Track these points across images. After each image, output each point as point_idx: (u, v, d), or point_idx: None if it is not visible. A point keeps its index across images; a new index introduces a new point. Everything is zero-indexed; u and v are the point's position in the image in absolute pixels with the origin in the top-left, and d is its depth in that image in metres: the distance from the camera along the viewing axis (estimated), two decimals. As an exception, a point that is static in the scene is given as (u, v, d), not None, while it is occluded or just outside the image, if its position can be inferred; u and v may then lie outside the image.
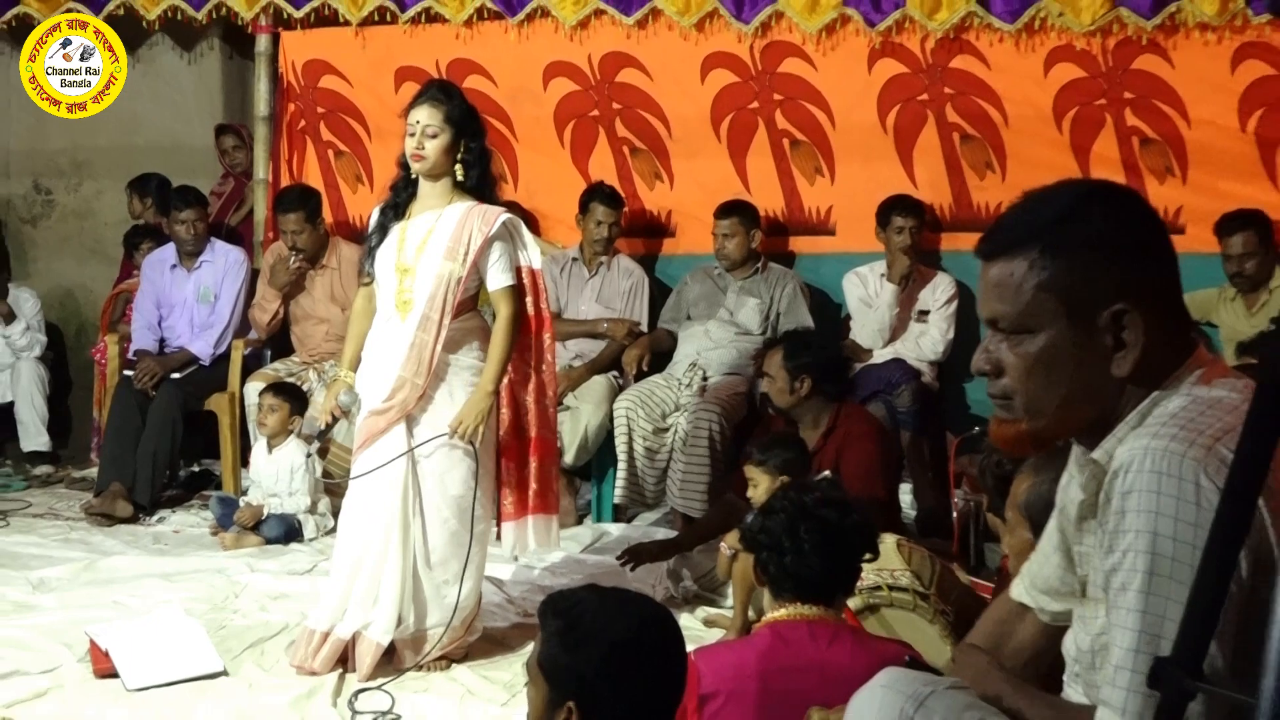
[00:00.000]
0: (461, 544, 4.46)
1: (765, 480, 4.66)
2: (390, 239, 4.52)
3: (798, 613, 3.06)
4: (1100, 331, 1.89)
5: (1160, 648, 1.73)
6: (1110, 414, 1.93)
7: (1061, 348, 1.90)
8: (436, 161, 4.44)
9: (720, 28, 6.83)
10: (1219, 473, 1.73)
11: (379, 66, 7.35)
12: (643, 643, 2.38)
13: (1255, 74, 6.30)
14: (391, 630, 4.41)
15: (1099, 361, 1.90)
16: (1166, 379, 1.91)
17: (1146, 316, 1.88)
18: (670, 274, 7.15)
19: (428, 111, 4.42)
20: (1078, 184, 2.10)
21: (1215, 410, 1.84)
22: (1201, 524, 1.71)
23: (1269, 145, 6.37)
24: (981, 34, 6.55)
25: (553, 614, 2.41)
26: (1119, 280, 1.88)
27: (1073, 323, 1.89)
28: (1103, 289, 1.88)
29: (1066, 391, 1.91)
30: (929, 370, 6.45)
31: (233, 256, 7.20)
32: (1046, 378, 1.91)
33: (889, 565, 3.98)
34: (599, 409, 6.39)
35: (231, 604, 5.16)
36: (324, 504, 6.19)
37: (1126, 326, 1.88)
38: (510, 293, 4.51)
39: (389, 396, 4.43)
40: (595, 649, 2.33)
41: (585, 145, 7.23)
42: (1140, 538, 1.78)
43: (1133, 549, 1.79)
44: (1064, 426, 1.96)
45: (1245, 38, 6.26)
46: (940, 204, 6.83)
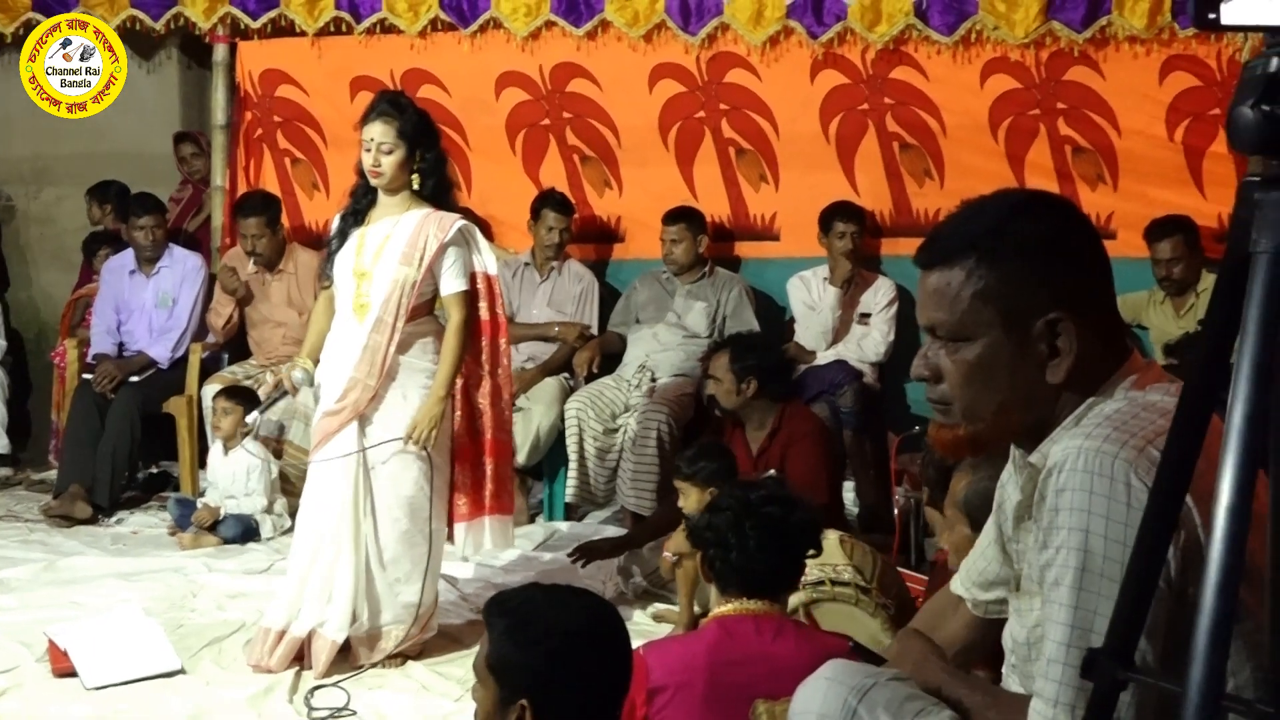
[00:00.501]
0: (413, 543, 4.43)
1: (694, 492, 4.64)
2: (349, 244, 4.50)
3: (743, 608, 3.06)
4: (1035, 339, 1.88)
5: (1091, 641, 1.73)
6: (1047, 419, 1.93)
7: (998, 355, 1.90)
8: (393, 176, 4.42)
9: (668, 39, 6.84)
10: (1149, 473, 1.74)
11: (335, 76, 7.30)
12: (594, 633, 2.37)
13: (1182, 85, 6.38)
14: (346, 628, 4.37)
15: (1035, 369, 1.90)
16: (1102, 384, 1.92)
17: (1080, 324, 1.88)
18: (620, 278, 7.14)
19: (381, 129, 4.40)
20: (1013, 193, 2.10)
21: (1148, 413, 1.85)
22: (1132, 523, 1.72)
23: (1196, 154, 6.44)
24: (920, 46, 6.60)
25: (499, 613, 2.39)
26: (1053, 288, 1.88)
27: (1008, 331, 1.89)
28: (1037, 297, 1.88)
29: (1003, 398, 1.92)
30: (871, 371, 6.47)
31: (191, 262, 7.14)
32: (984, 384, 1.91)
33: (832, 560, 3.99)
34: (550, 410, 6.38)
35: (189, 603, 5.11)
36: (280, 504, 6.15)
37: (1061, 334, 1.88)
38: (462, 298, 4.50)
39: (341, 397, 4.40)
40: (548, 643, 2.31)
41: (536, 153, 7.21)
42: (1073, 535, 1.79)
43: (1065, 546, 1.80)
44: (1001, 432, 1.97)
45: (1173, 50, 6.34)
46: (881, 210, 6.86)
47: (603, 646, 2.37)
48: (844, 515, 5.62)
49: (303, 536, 4.49)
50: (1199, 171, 6.46)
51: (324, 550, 4.41)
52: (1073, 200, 5.61)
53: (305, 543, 4.47)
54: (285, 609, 4.44)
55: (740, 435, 5.34)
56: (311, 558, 4.43)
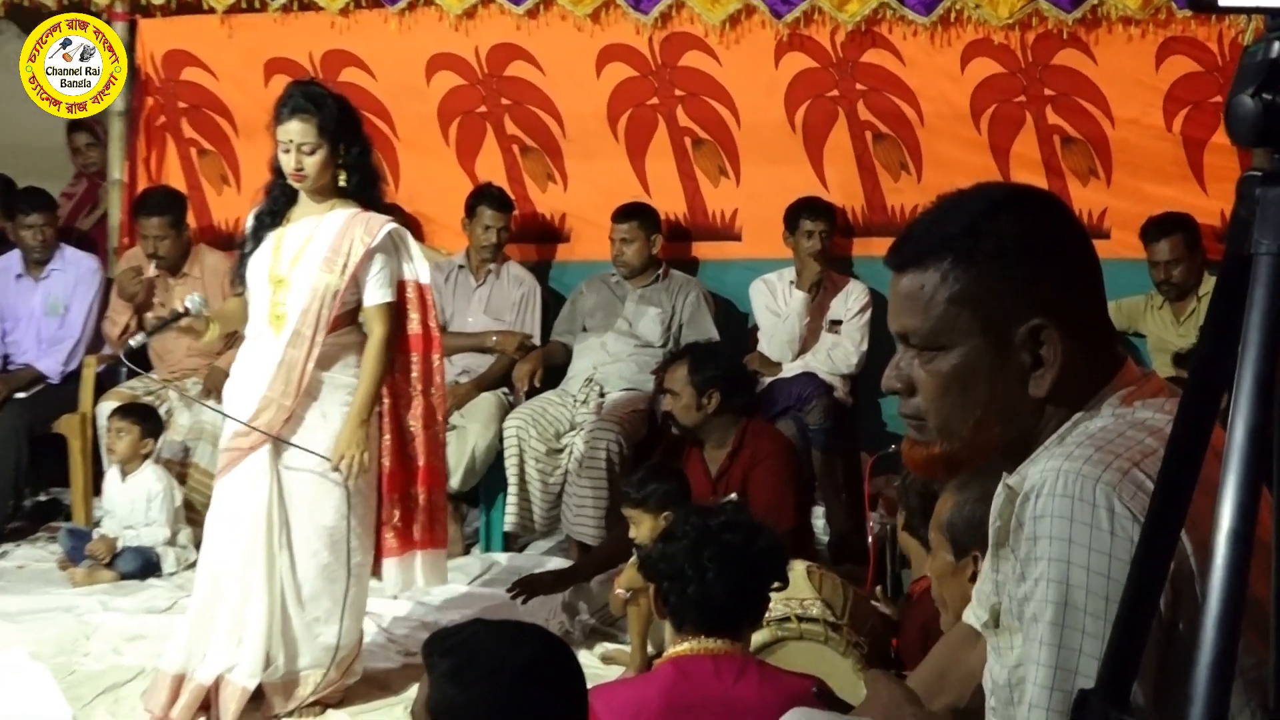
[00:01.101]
0: (334, 578, 4.42)
1: (647, 520, 4.65)
2: (265, 246, 4.48)
3: (701, 646, 3.06)
4: (1017, 348, 1.88)
5: (1075, 682, 1.74)
6: (1029, 436, 1.93)
7: (976, 366, 1.90)
8: (317, 177, 4.41)
9: (617, 18, 6.84)
10: (1134, 498, 1.74)
11: (247, 58, 7.26)
12: (543, 671, 2.37)
13: (1181, 70, 6.43)
14: (259, 673, 4.34)
15: (1016, 381, 1.90)
16: (1090, 398, 1.92)
17: (1065, 332, 1.88)
18: (564, 282, 7.15)
19: (299, 127, 4.38)
20: (994, 188, 2.11)
21: (1136, 431, 1.85)
22: (1116, 553, 1.73)
23: (1196, 145, 6.49)
24: (895, 27, 6.63)
25: (440, 653, 2.38)
26: (1036, 293, 1.88)
27: (987, 339, 1.89)
28: (1018, 303, 1.88)
29: (981, 413, 1.91)
30: (842, 384, 6.50)
31: (85, 265, 7.09)
32: (960, 398, 1.91)
33: (799, 594, 4.00)
34: (487, 429, 6.37)
35: (82, 646, 5.07)
36: (185, 535, 6.10)
37: (1045, 343, 1.88)
38: (386, 311, 4.48)
39: (253, 417, 4.37)
40: (493, 682, 2.31)
41: (472, 144, 7.21)
42: (1053, 566, 1.79)
43: (1044, 578, 1.80)
44: (978, 450, 1.96)
45: (1170, 32, 6.39)
46: (852, 207, 6.89)
47: (554, 684, 2.38)
48: (812, 543, 5.64)
49: (207, 570, 4.46)
50: (1199, 165, 6.52)
51: (232, 586, 4.37)
52: (1062, 196, 5.67)
53: (210, 577, 4.43)
54: (186, 651, 4.40)
55: (698, 455, 5.35)
56: (217, 594, 4.40)
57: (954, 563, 2.80)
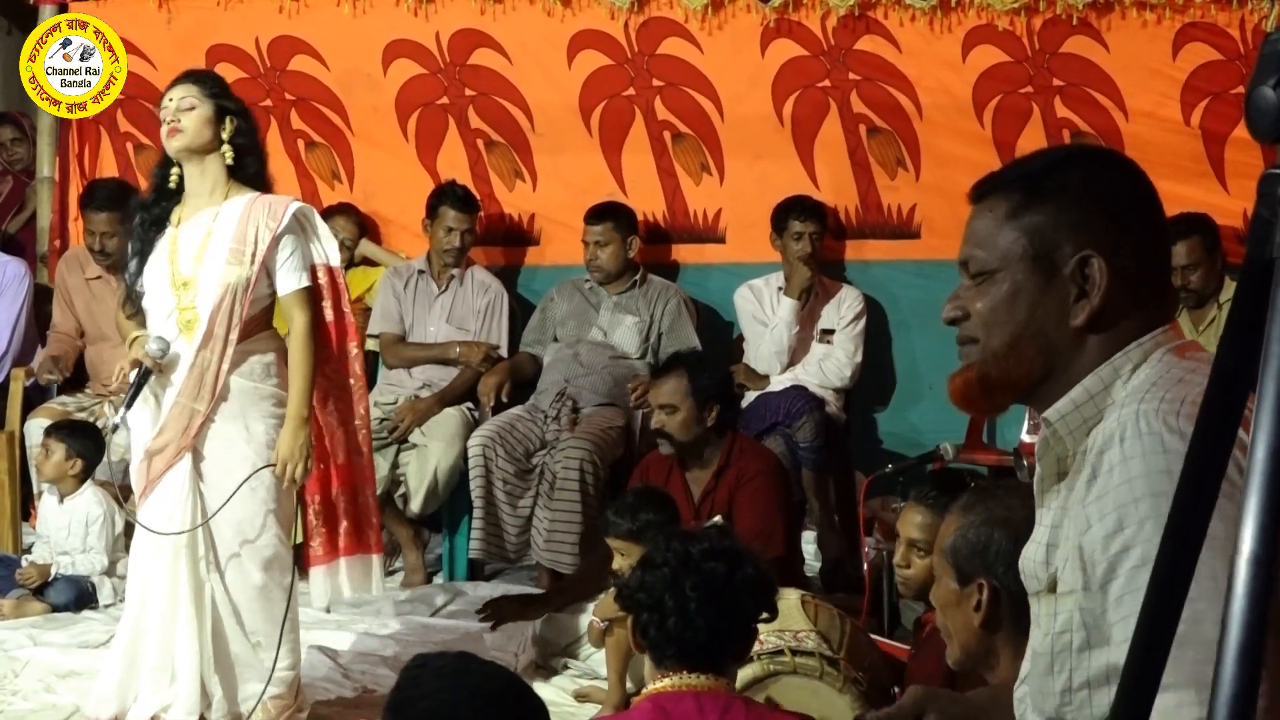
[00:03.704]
0: (271, 599, 4.42)
1: (637, 553, 4.62)
2: (160, 252, 4.46)
3: (683, 683, 3.06)
4: (1066, 278, 2.06)
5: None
6: (1062, 369, 2.09)
7: (1024, 290, 2.08)
8: (197, 133, 4.40)
9: (589, 2, 6.87)
10: None
11: (188, 46, 7.26)
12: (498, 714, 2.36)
13: (1199, 59, 6.47)
14: (196, 710, 4.34)
15: (1057, 307, 2.07)
16: (1128, 343, 2.06)
17: (1114, 270, 2.04)
18: (533, 289, 7.15)
19: (180, 90, 4.44)
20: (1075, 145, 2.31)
21: (1196, 375, 1.96)
22: None
23: (1216, 140, 6.53)
24: (891, 11, 6.66)
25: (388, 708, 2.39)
26: (1091, 231, 2.06)
27: (1038, 264, 2.07)
28: (1073, 235, 2.06)
29: (1019, 331, 2.09)
30: (834, 398, 6.51)
31: (11, 269, 7.07)
32: (1005, 315, 2.10)
33: (791, 626, 4.00)
34: (451, 447, 6.36)
35: (9, 684, 5.06)
36: (124, 564, 6.07)
37: (1089, 276, 2.04)
38: (305, 296, 4.49)
39: (163, 425, 4.37)
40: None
41: (433, 138, 7.21)
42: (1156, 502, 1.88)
43: (1150, 516, 1.89)
44: (1010, 373, 2.11)
45: (1188, 17, 6.43)
46: (845, 206, 6.91)
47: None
48: (803, 571, 5.65)
49: (132, 602, 4.47)
50: (1220, 161, 6.56)
51: (155, 619, 4.36)
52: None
53: (135, 610, 4.44)
54: (113, 693, 4.39)
55: (679, 475, 5.34)
56: (141, 629, 4.40)
57: (958, 590, 2.80)
